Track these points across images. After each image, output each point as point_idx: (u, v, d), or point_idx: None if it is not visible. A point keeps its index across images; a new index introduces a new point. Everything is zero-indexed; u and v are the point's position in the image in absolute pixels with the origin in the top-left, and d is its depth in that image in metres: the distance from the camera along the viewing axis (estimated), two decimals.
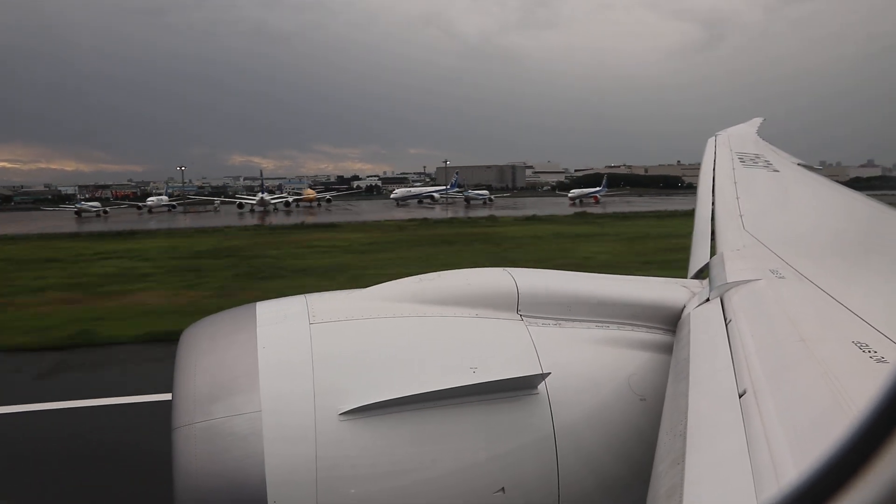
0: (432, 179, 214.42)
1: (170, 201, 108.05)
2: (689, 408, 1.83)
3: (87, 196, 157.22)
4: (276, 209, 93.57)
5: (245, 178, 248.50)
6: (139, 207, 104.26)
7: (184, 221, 74.61)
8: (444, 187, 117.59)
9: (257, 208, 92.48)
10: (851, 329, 2.15)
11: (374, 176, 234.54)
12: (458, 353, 2.58)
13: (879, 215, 5.08)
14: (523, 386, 2.48)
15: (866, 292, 2.78)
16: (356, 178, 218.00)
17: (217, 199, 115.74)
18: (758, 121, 10.92)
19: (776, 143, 9.23)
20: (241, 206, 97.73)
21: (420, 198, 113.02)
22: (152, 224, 68.83)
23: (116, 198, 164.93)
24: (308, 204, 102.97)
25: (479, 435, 2.41)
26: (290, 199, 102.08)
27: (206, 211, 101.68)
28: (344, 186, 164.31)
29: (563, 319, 2.88)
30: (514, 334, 2.72)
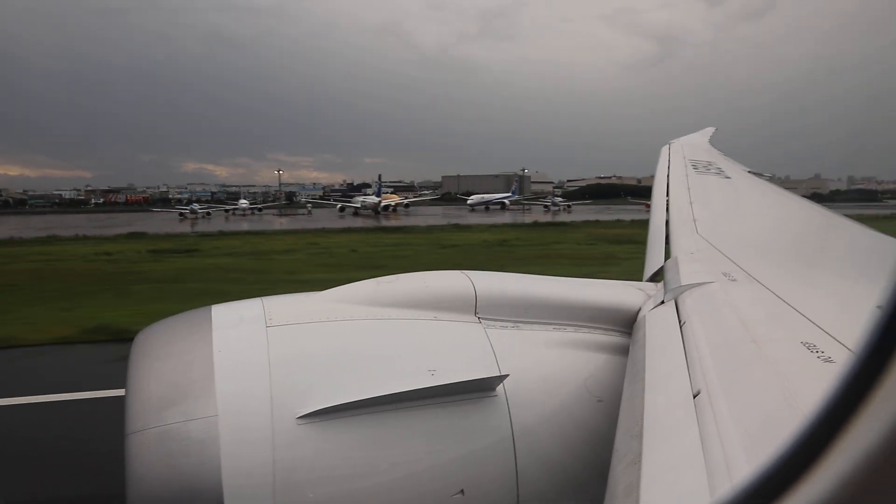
0: (438, 187, 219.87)
1: (251, 205, 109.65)
2: (645, 408, 1.87)
3: (101, 200, 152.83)
4: (377, 212, 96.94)
5: (242, 186, 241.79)
6: (227, 210, 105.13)
7: (354, 222, 76.97)
8: (509, 194, 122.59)
9: (364, 211, 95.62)
10: (800, 330, 2.21)
11: (393, 182, 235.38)
12: (417, 355, 2.61)
13: (825, 220, 5.33)
14: (482, 388, 2.52)
15: (813, 294, 2.87)
16: (366, 185, 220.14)
17: (309, 204, 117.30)
18: (710, 130, 11.23)
19: (727, 155, 9.62)
20: (342, 209, 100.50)
21: (488, 204, 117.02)
22: (356, 223, 71.59)
23: (129, 202, 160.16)
24: (393, 208, 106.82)
25: (437, 437, 2.44)
26: (393, 204, 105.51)
27: (300, 214, 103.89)
28: (353, 193, 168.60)
29: (521, 322, 2.93)
30: (472, 337, 2.76)
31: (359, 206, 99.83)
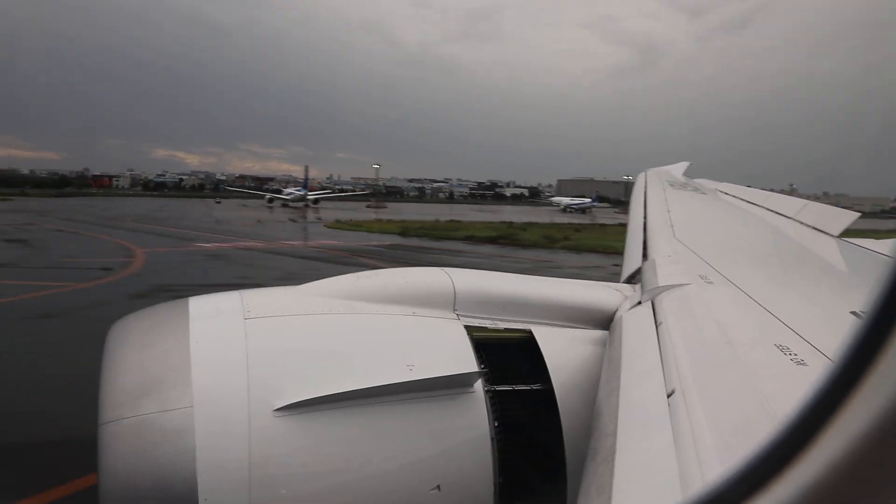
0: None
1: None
2: (620, 406, 1.89)
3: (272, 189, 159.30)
4: None
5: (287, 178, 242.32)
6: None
7: None
8: (589, 200, 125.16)
9: None
10: (774, 332, 2.25)
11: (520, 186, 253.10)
12: (395, 350, 2.61)
13: (799, 231, 5.60)
14: (459, 384, 2.53)
15: (787, 298, 2.94)
16: (496, 185, 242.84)
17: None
18: (684, 164, 11.76)
19: (705, 171, 10.42)
20: None
21: (571, 207, 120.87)
22: None
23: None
24: None
25: (414, 432, 2.44)
26: None
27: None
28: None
29: (498, 319, 2.96)
30: (450, 333, 2.77)
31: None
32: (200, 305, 2.68)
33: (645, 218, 5.98)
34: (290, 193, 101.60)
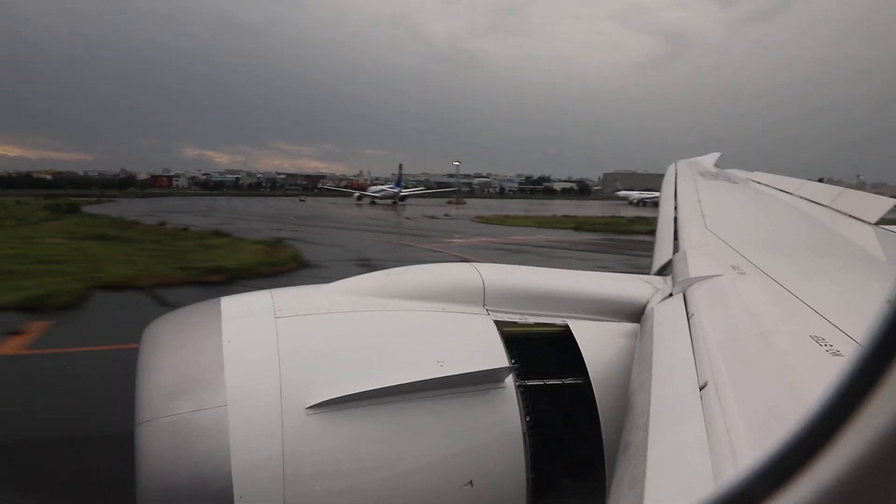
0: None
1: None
2: (652, 399, 1.88)
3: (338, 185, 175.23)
4: None
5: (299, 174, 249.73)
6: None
7: None
8: (657, 194, 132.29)
9: None
10: (808, 323, 2.22)
11: (566, 180, 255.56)
12: (425, 346, 2.63)
13: (834, 219, 5.47)
14: (490, 379, 2.54)
15: (821, 288, 2.89)
16: (544, 179, 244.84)
17: None
18: (716, 155, 11.53)
19: (737, 161, 10.26)
20: None
21: (645, 201, 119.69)
22: None
23: (349, 187, 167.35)
24: None
25: (446, 428, 2.45)
26: None
27: None
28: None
29: (528, 314, 2.95)
30: (480, 328, 2.78)
31: None
32: (232, 305, 2.73)
33: (675, 209, 5.91)
34: (381, 191, 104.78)
